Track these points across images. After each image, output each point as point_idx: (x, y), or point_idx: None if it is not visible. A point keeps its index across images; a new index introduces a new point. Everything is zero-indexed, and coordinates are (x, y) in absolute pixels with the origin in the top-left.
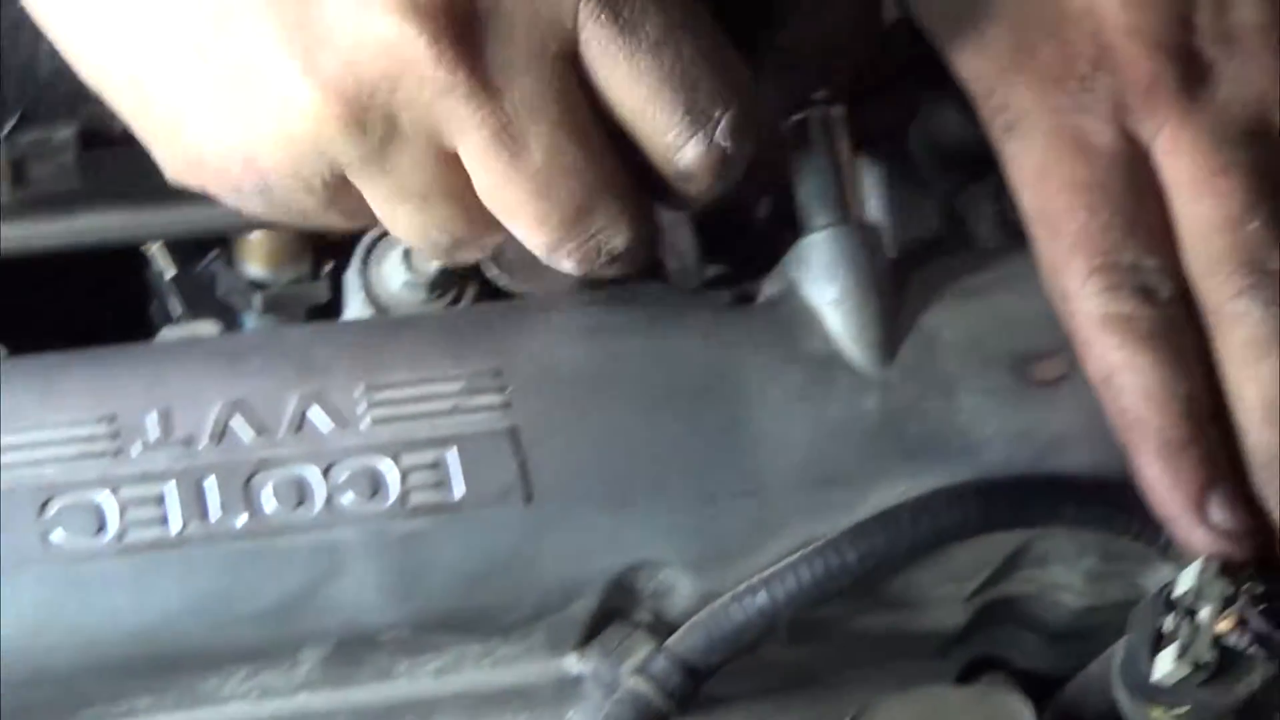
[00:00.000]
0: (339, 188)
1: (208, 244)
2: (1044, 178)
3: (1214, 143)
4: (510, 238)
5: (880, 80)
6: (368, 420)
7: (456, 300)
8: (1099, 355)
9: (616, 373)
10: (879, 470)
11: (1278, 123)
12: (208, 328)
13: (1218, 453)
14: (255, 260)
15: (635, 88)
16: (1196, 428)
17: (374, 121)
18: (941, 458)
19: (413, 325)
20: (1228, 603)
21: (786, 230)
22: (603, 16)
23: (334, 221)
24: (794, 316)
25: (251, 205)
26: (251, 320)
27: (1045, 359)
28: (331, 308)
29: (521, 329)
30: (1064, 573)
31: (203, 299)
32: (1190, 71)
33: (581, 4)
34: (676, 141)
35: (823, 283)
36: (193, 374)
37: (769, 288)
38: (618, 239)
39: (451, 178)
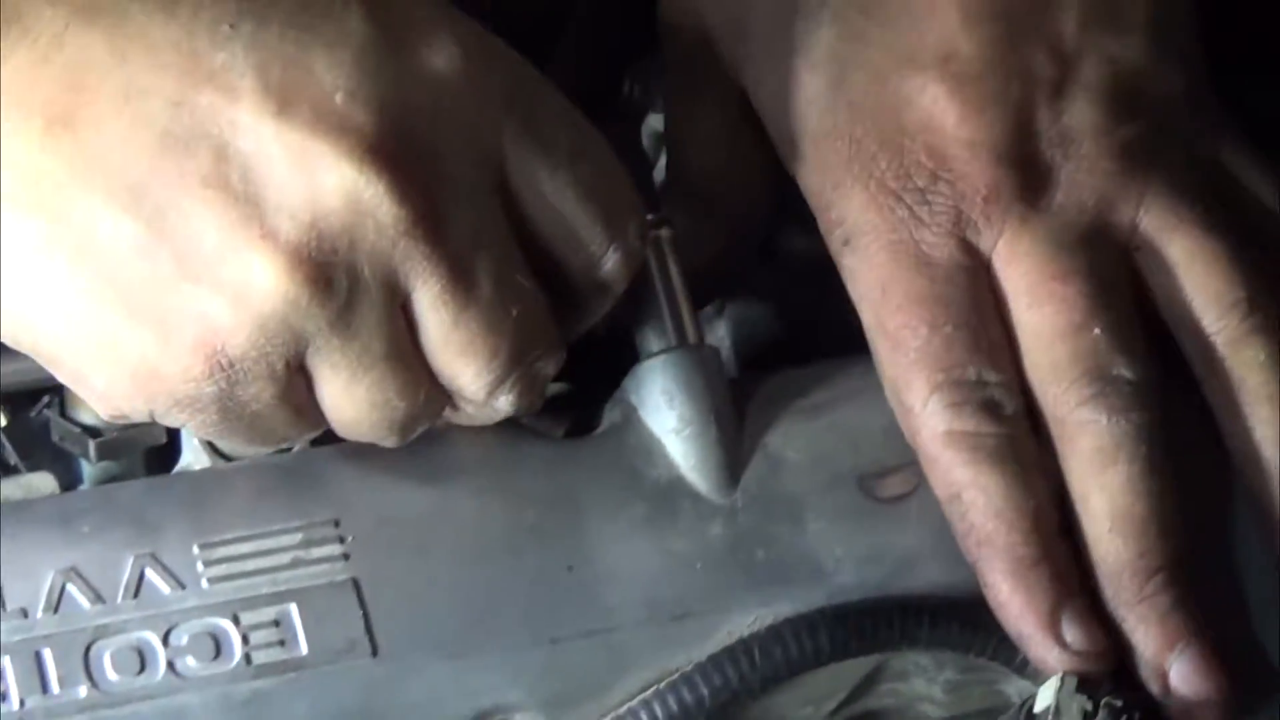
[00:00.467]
0: (297, 371)
1: (39, 391)
2: (884, 292)
3: (1053, 249)
4: None
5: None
6: (205, 580)
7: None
8: (945, 473)
9: (455, 515)
10: (729, 600)
11: (1119, 223)
12: (44, 481)
13: (1068, 568)
14: (88, 406)
15: (561, 202)
16: (1046, 544)
17: (339, 279)
18: (792, 583)
19: (247, 475)
20: (1087, 718)
21: (627, 348)
22: (525, 138)
23: (281, 425)
24: (635, 445)
25: (206, 417)
26: (87, 468)
27: (891, 475)
28: (169, 450)
29: (358, 474)
30: (924, 685)
31: (37, 447)
32: (1028, 179)
33: (505, 129)
34: (599, 251)
35: (661, 410)
36: (25, 542)
37: (609, 414)
38: (550, 365)
39: (406, 336)
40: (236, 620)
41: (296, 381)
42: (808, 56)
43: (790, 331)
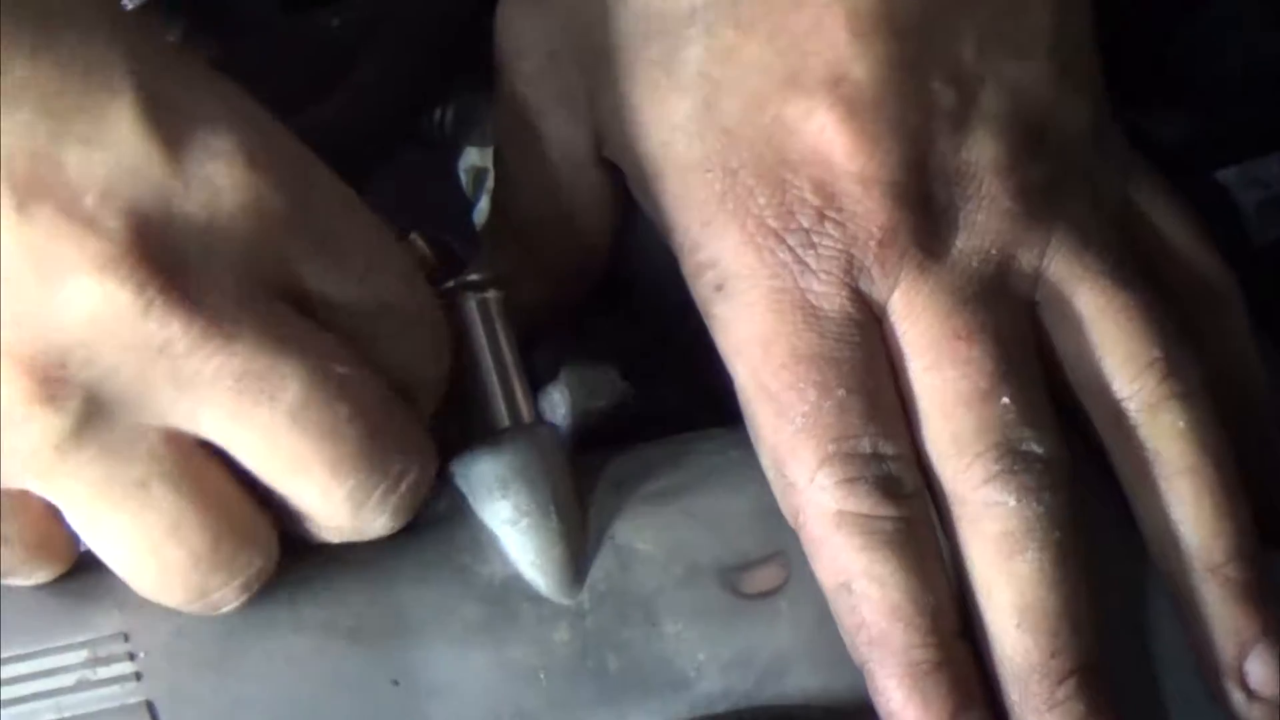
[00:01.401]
0: (33, 500)
1: None
2: (765, 348)
3: (954, 302)
4: None
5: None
6: None
7: None
8: (833, 559)
9: (262, 623)
10: (578, 715)
11: (1022, 272)
12: None
13: (969, 671)
14: None
15: (362, 315)
16: (945, 645)
17: (67, 398)
18: (650, 694)
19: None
20: None
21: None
22: (317, 256)
23: (19, 562)
24: (465, 539)
25: None
26: None
27: (758, 567)
28: None
29: None
30: None
31: None
32: (926, 221)
33: (291, 245)
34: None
35: (494, 500)
36: None
37: (433, 505)
38: (420, 472)
39: (184, 462)
40: None
41: (32, 511)
42: (674, 77)
43: (640, 392)
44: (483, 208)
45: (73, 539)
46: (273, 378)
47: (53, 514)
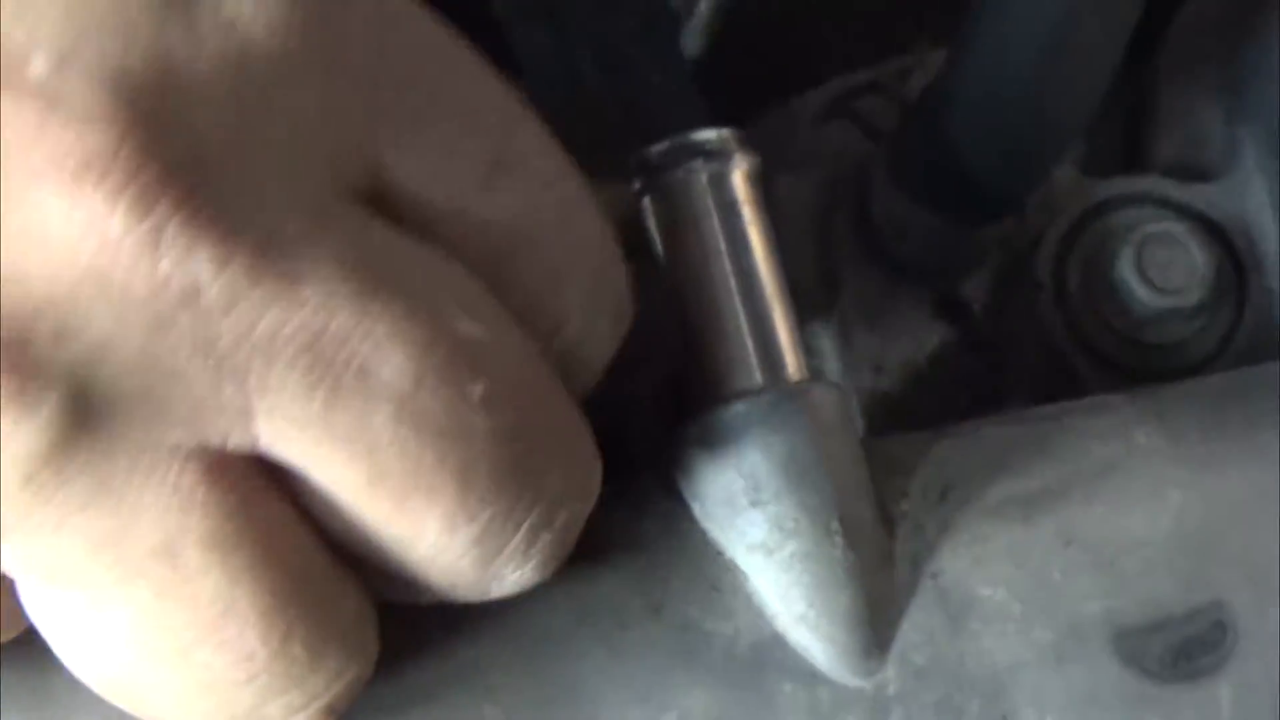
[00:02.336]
0: None
1: None
2: None
3: None
4: None
5: None
6: None
7: None
8: None
9: None
10: None
11: None
12: None
13: None
14: None
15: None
16: None
17: (40, 391)
18: None
19: None
20: None
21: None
22: (408, 138)
23: None
24: (690, 576)
25: None
26: None
27: (1182, 627)
28: None
29: None
30: None
31: None
32: None
33: (377, 125)
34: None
35: (740, 510)
36: None
37: (637, 519)
38: (583, 488)
39: (233, 504)
40: None
41: None
42: None
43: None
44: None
45: (16, 615)
46: (364, 342)
47: None
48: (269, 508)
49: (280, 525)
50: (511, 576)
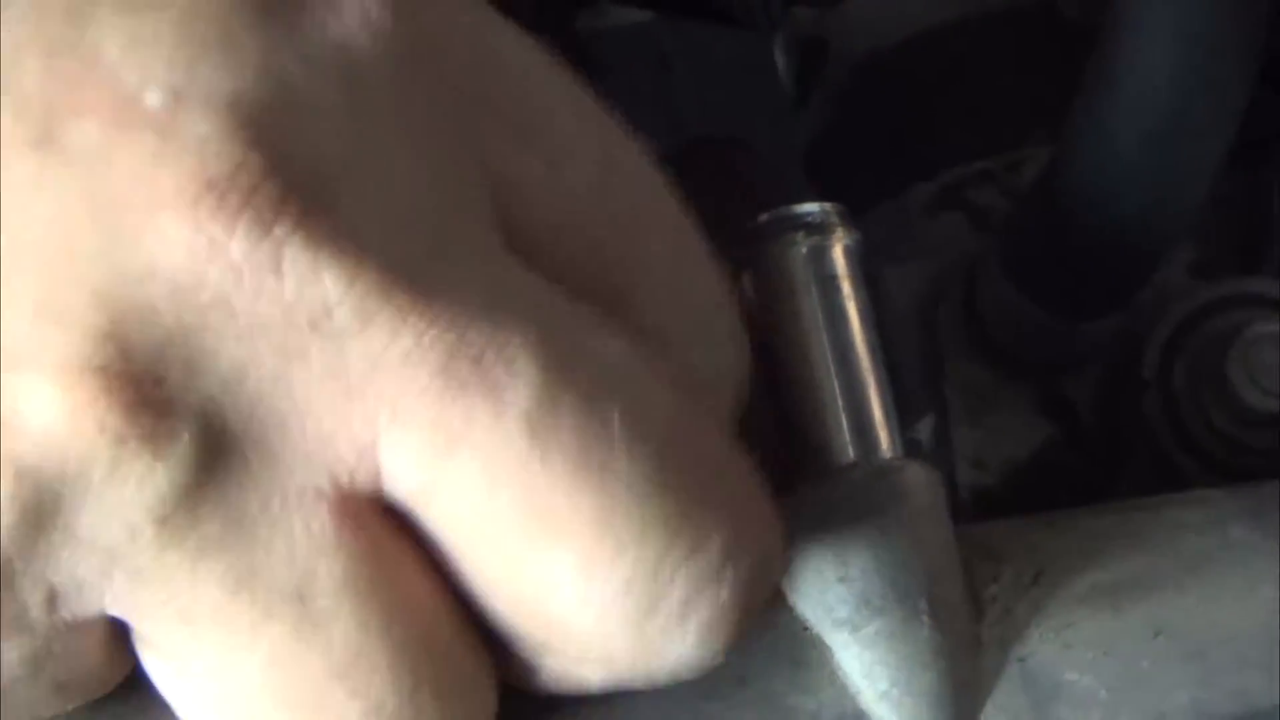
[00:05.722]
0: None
1: None
2: None
3: None
4: None
5: None
6: None
7: None
8: None
9: None
10: None
11: None
12: None
13: None
14: None
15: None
16: None
17: (173, 430)
18: None
19: None
20: None
21: None
22: (520, 143)
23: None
24: (773, 650)
25: None
26: None
27: None
28: None
29: None
30: None
31: None
32: None
33: (489, 130)
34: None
35: (827, 586)
36: None
37: None
38: (750, 552)
39: (363, 546)
40: None
41: (88, 638)
42: None
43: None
44: None
45: (122, 663)
46: (498, 361)
47: (112, 637)
48: (395, 553)
49: (407, 571)
50: (672, 648)
